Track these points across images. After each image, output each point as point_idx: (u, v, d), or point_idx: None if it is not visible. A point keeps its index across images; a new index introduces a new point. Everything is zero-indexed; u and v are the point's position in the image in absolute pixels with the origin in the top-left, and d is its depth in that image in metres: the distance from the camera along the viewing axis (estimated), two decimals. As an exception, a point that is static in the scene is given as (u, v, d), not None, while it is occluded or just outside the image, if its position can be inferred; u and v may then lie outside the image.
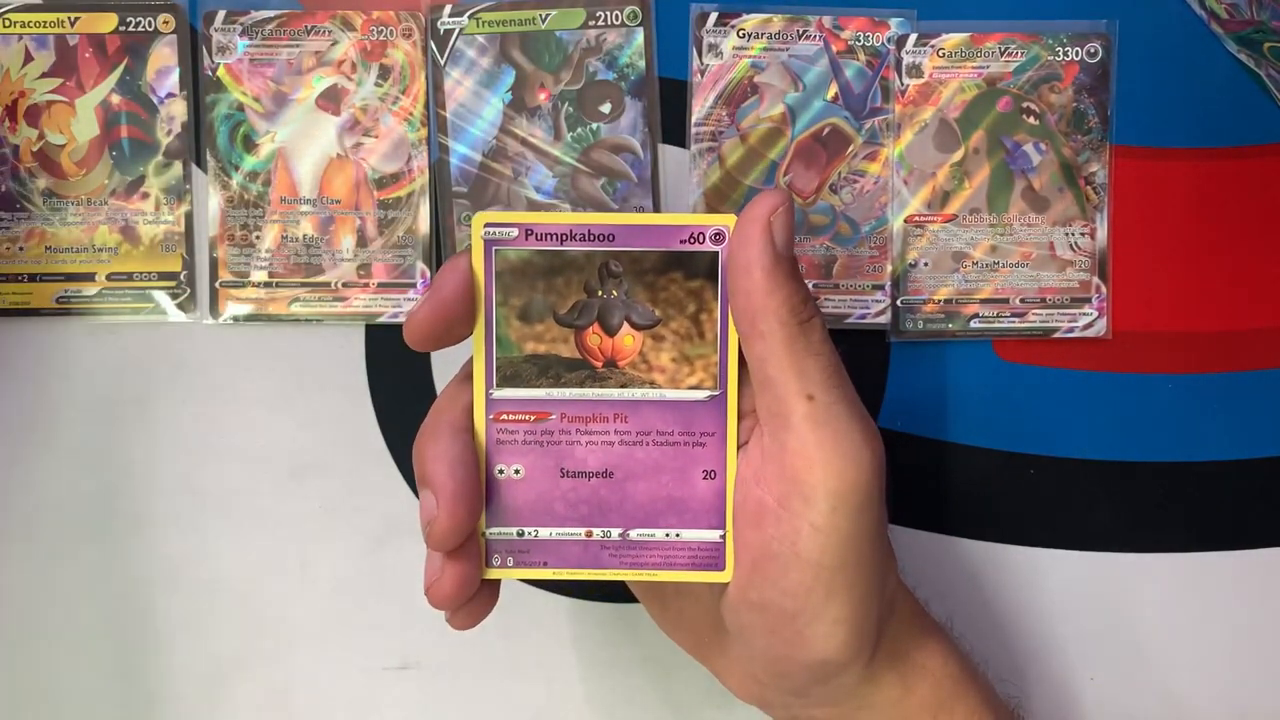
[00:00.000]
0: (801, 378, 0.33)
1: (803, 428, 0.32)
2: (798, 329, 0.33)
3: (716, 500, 0.35)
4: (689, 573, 0.35)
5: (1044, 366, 0.46)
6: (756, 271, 0.32)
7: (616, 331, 0.34)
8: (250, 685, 0.45)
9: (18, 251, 0.45)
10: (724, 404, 0.35)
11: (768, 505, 0.33)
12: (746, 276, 0.33)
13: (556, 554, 0.35)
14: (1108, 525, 0.46)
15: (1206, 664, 0.46)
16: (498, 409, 0.34)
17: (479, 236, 0.34)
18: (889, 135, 0.46)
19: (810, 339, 0.33)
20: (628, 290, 0.34)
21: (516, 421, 0.35)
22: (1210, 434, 0.46)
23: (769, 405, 0.33)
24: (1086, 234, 0.46)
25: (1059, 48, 0.46)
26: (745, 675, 0.37)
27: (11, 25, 0.45)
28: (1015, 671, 0.46)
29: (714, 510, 0.35)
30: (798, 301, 0.33)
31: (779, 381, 0.33)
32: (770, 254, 0.32)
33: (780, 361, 0.33)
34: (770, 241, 0.32)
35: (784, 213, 0.33)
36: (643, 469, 0.35)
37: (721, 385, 0.35)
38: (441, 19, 0.45)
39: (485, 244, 0.34)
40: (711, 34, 0.45)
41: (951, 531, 0.46)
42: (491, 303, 0.34)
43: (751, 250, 0.32)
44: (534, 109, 0.45)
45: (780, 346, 0.33)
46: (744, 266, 0.33)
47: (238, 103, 0.45)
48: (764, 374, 0.33)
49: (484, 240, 0.34)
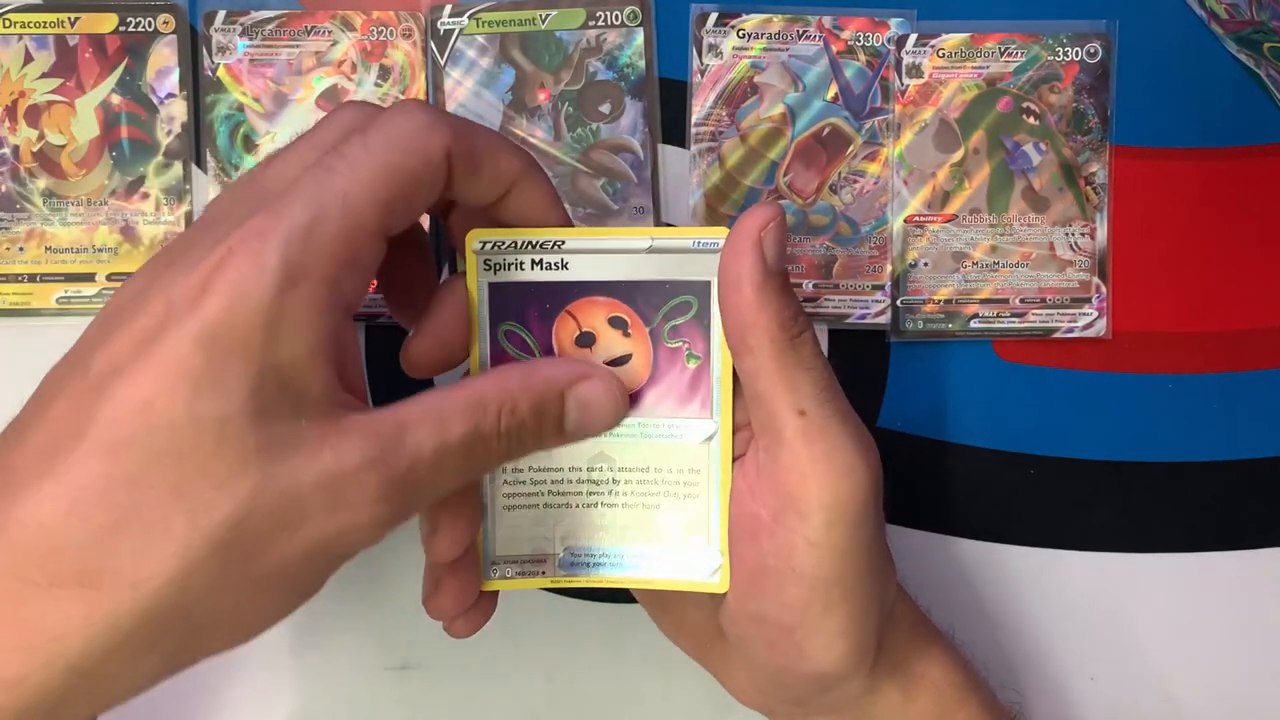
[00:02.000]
0: (793, 393, 0.32)
1: (795, 443, 0.32)
2: (788, 344, 0.32)
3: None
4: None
5: (1044, 366, 0.46)
6: (746, 287, 0.32)
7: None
8: (250, 685, 0.45)
9: (18, 252, 0.45)
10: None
11: (763, 520, 0.33)
12: (736, 292, 0.32)
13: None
14: (1108, 525, 0.46)
15: (1206, 664, 0.46)
16: None
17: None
18: (889, 135, 0.46)
19: (801, 354, 0.33)
20: None
21: None
22: (1210, 434, 0.46)
23: (761, 420, 0.33)
24: (1086, 234, 0.46)
25: (1059, 48, 0.46)
26: (747, 683, 0.37)
27: (11, 25, 0.45)
28: (1014, 672, 0.46)
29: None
30: (787, 317, 0.32)
31: (770, 397, 0.33)
32: (760, 269, 0.32)
33: (771, 377, 0.32)
34: (760, 257, 0.32)
35: (775, 228, 0.32)
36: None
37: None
38: (441, 19, 0.45)
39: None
40: (711, 34, 0.45)
41: (951, 531, 0.46)
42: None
43: (742, 265, 0.32)
44: (534, 109, 0.45)
45: (770, 362, 0.32)
46: (733, 281, 0.32)
47: (238, 103, 0.45)
48: (755, 389, 0.33)
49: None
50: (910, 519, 0.46)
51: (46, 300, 0.45)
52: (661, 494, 0.35)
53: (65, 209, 0.45)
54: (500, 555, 0.35)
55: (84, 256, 0.45)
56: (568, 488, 0.35)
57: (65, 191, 0.45)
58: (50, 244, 0.45)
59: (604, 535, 0.35)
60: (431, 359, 0.34)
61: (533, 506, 0.35)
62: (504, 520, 0.35)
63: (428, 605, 0.34)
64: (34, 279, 0.45)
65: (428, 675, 0.45)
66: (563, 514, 0.35)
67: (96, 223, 0.45)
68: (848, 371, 0.46)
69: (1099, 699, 0.46)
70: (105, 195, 0.45)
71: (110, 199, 0.45)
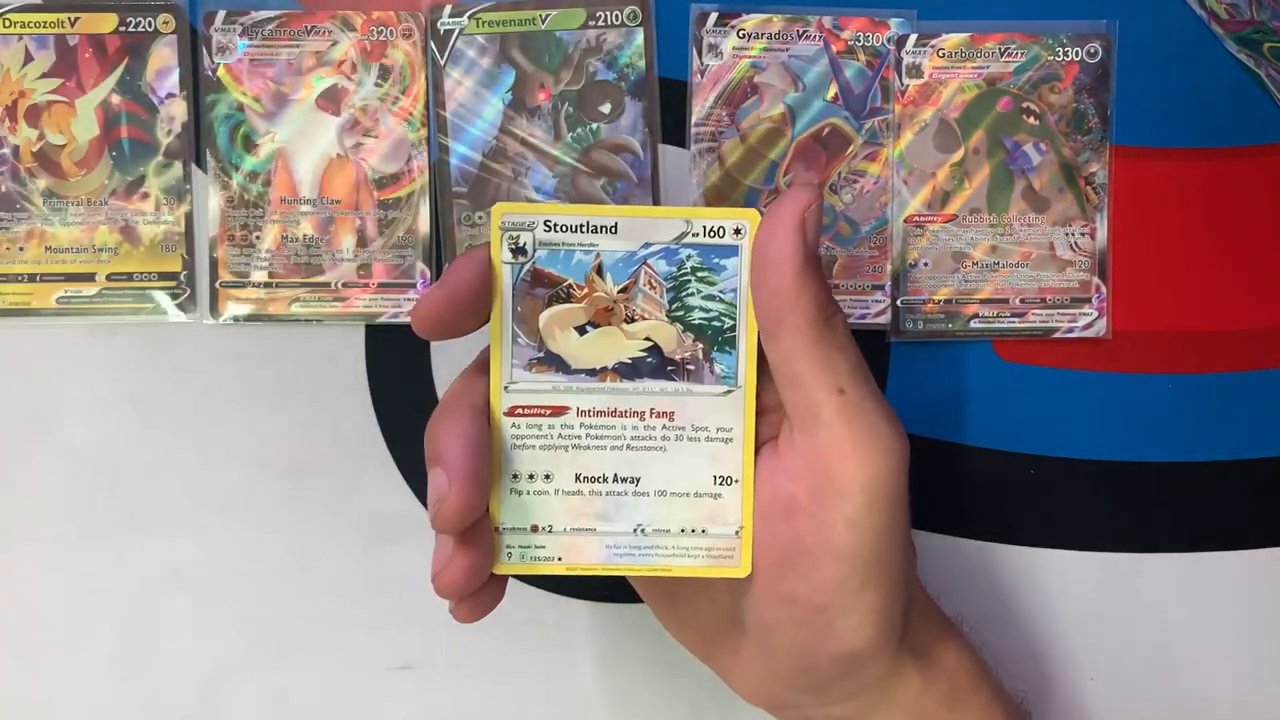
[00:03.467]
0: (832, 373, 0.33)
1: (835, 422, 0.32)
2: (825, 325, 0.33)
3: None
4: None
5: (1044, 366, 0.46)
6: (788, 268, 0.32)
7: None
8: (250, 685, 0.45)
9: (18, 252, 0.45)
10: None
11: (799, 500, 0.33)
12: (778, 273, 0.32)
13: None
14: (1108, 525, 0.46)
15: (1207, 664, 0.46)
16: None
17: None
18: (889, 135, 0.46)
19: (837, 334, 0.33)
20: None
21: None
22: (1210, 434, 0.46)
23: (798, 401, 0.33)
24: (1086, 234, 0.46)
25: (1059, 48, 0.46)
26: (760, 674, 0.37)
27: (11, 25, 0.45)
28: (1015, 671, 0.46)
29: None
30: (825, 298, 0.33)
31: (808, 377, 0.33)
32: (803, 251, 0.32)
33: (810, 357, 0.33)
34: (803, 238, 0.32)
35: (815, 210, 0.33)
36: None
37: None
38: (441, 19, 0.45)
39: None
40: (711, 34, 0.45)
41: (951, 531, 0.46)
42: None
43: (784, 246, 0.32)
44: (534, 109, 0.45)
45: (809, 343, 0.32)
46: (775, 263, 0.32)
47: (238, 103, 0.45)
48: (791, 370, 0.33)
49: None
50: (910, 519, 0.46)
51: (46, 300, 0.45)
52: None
53: (65, 209, 0.45)
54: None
55: (84, 256, 0.45)
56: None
57: (65, 191, 0.45)
58: (50, 244, 0.45)
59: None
60: (445, 320, 0.33)
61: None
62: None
63: (436, 580, 0.33)
64: (34, 279, 0.45)
65: (429, 675, 0.45)
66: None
67: (96, 223, 0.45)
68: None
69: (1099, 699, 0.46)
70: (105, 195, 0.45)
71: (110, 199, 0.45)
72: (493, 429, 0.34)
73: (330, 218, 0.45)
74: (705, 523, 0.35)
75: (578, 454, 0.35)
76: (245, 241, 0.45)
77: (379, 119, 0.45)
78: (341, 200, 0.45)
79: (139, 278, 0.45)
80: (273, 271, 0.45)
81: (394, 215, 0.45)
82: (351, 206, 0.45)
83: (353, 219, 0.45)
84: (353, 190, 0.45)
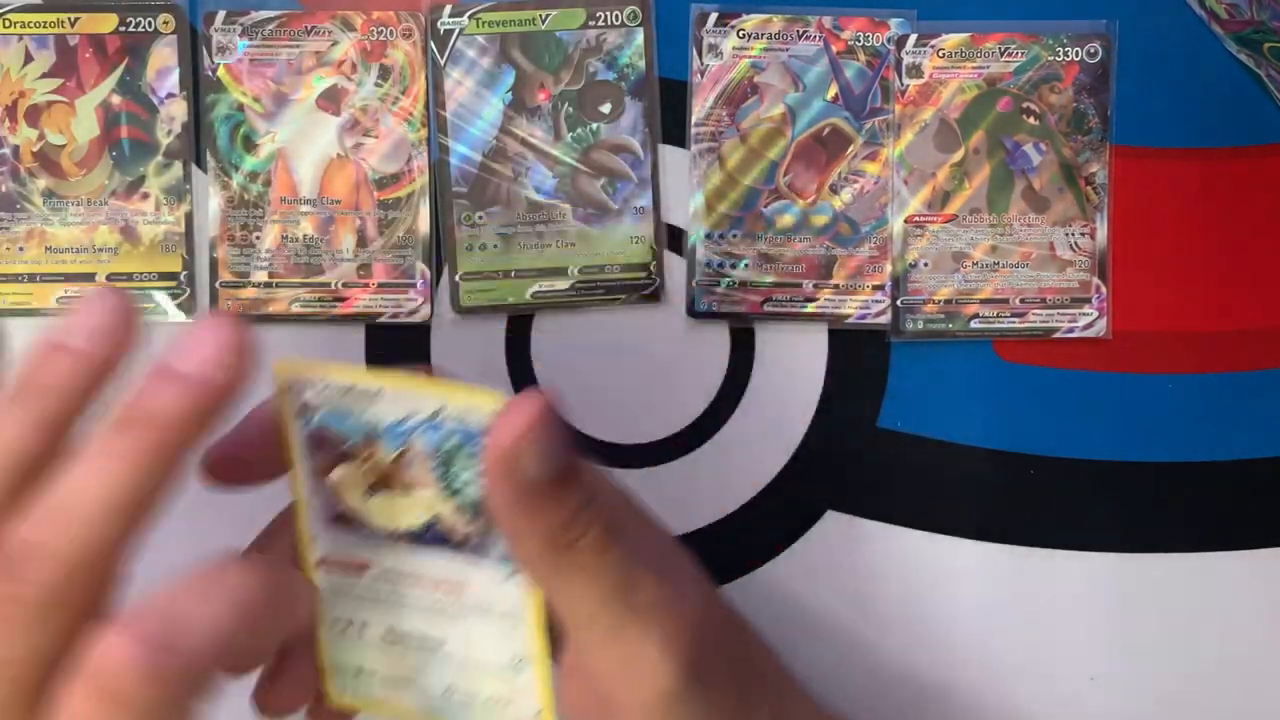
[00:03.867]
0: (582, 599, 0.30)
1: (594, 651, 0.31)
2: (566, 551, 0.29)
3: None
4: None
5: (1044, 366, 0.46)
6: (503, 498, 0.29)
7: None
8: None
9: (18, 252, 0.45)
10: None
11: (591, 708, 0.33)
12: (498, 494, 0.29)
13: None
14: (1108, 525, 0.46)
15: (1206, 664, 0.46)
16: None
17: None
18: (889, 135, 0.46)
19: (581, 560, 0.30)
20: None
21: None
22: (1210, 434, 0.46)
23: (559, 618, 0.31)
24: (1086, 234, 0.46)
25: (1059, 48, 0.46)
26: None
27: (11, 25, 0.45)
28: (1014, 672, 0.46)
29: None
30: (558, 526, 0.29)
31: (555, 604, 0.31)
32: (515, 488, 0.29)
33: (550, 586, 0.30)
34: (517, 468, 0.28)
35: (535, 436, 0.28)
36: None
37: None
38: (441, 19, 0.45)
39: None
40: (711, 34, 0.45)
41: (951, 532, 0.46)
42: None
43: (498, 470, 0.29)
44: (534, 109, 0.45)
45: (548, 572, 0.30)
46: (493, 485, 0.29)
47: (238, 103, 0.45)
48: (544, 588, 0.31)
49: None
50: (910, 519, 0.46)
51: (46, 300, 0.45)
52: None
53: (65, 209, 0.45)
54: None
55: (84, 256, 0.45)
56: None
57: (65, 191, 0.45)
58: (50, 244, 0.45)
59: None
60: (234, 471, 0.33)
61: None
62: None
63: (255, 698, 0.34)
64: (34, 279, 0.45)
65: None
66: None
67: (96, 223, 0.45)
68: (848, 372, 0.46)
69: (1099, 699, 0.46)
70: (105, 195, 0.45)
71: (110, 199, 0.45)
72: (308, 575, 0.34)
73: (330, 218, 0.45)
74: (509, 697, 0.34)
75: (386, 609, 0.34)
76: (245, 241, 0.45)
77: (379, 119, 0.45)
78: (341, 200, 0.45)
79: (139, 278, 0.45)
80: (273, 271, 0.45)
81: (394, 215, 0.45)
82: (351, 206, 0.45)
83: (353, 219, 0.45)
84: (353, 190, 0.45)
